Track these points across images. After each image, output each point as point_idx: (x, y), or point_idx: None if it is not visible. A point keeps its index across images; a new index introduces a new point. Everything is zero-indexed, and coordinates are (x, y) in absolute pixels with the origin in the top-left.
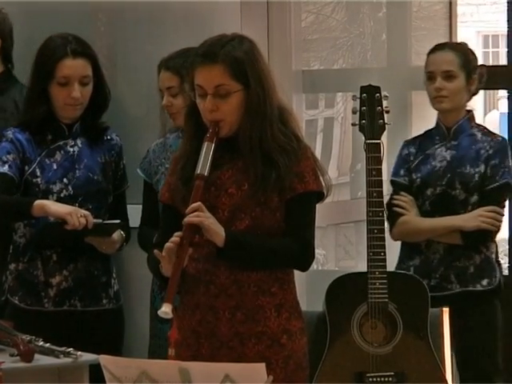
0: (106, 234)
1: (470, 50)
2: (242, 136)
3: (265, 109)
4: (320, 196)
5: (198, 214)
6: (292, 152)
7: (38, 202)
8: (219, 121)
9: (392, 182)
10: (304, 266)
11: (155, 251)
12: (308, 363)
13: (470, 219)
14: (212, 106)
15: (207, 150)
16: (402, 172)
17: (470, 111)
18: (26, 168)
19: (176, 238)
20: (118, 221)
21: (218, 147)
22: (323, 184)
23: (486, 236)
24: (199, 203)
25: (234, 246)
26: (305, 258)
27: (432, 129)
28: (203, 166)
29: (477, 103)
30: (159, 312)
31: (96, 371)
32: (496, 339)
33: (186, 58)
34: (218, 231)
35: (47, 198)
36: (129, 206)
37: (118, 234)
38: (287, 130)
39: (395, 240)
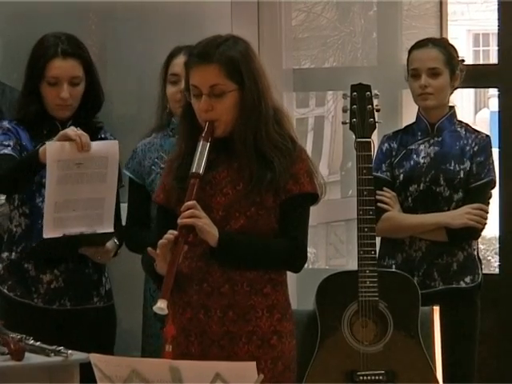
0: (99, 243)
1: (452, 45)
2: (236, 136)
3: (260, 108)
4: (314, 197)
5: (193, 213)
6: (287, 152)
7: (41, 150)
8: (214, 120)
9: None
10: (296, 268)
11: (149, 249)
12: (296, 366)
13: (456, 216)
14: (207, 106)
15: (202, 149)
16: (383, 167)
17: (452, 107)
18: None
19: (170, 235)
20: (110, 230)
21: (214, 147)
22: (317, 186)
23: (472, 233)
24: (194, 202)
25: (227, 247)
26: (297, 260)
27: (412, 124)
28: (198, 164)
29: (467, 102)
30: (154, 308)
31: (87, 370)
32: (475, 336)
33: None
34: (211, 231)
35: (40, 192)
36: (122, 205)
37: (111, 243)
38: (282, 130)
39: (378, 236)
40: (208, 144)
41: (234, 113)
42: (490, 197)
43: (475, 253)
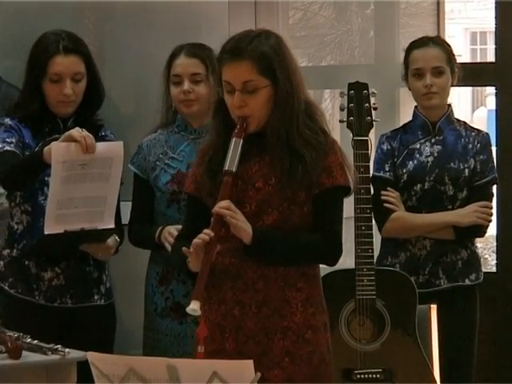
0: (100, 240)
1: (448, 43)
2: (269, 131)
3: (292, 104)
4: (347, 190)
5: (229, 207)
6: (319, 146)
7: (46, 150)
8: (247, 116)
9: (376, 178)
10: (331, 261)
11: (184, 249)
12: (332, 358)
13: (465, 215)
14: (240, 102)
15: (235, 146)
16: (386, 167)
17: (449, 105)
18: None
19: (204, 234)
20: (111, 226)
21: (246, 141)
22: (350, 179)
23: (479, 231)
24: (228, 202)
25: (261, 244)
26: (332, 253)
27: (409, 122)
28: (231, 162)
29: (464, 100)
30: (188, 309)
31: (84, 368)
32: (476, 332)
33: (209, 51)
34: (245, 228)
35: (42, 190)
36: (122, 203)
37: (112, 240)
38: (314, 124)
39: (385, 236)
40: (241, 140)
41: (267, 108)
42: (493, 194)
43: (477, 250)
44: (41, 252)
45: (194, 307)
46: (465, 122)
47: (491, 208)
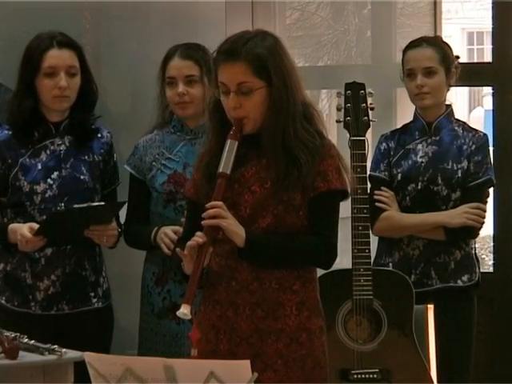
0: (106, 219)
1: (446, 43)
2: (265, 133)
3: (287, 106)
4: (344, 194)
5: (219, 212)
6: (314, 150)
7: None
8: (243, 118)
9: (371, 177)
10: (326, 265)
11: (177, 250)
12: (327, 362)
13: (455, 216)
14: (235, 104)
15: (230, 148)
16: (381, 167)
17: (449, 106)
18: (9, 173)
19: (198, 238)
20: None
21: (244, 144)
22: (347, 182)
23: (469, 232)
24: (220, 203)
25: (254, 247)
26: (327, 257)
27: (410, 123)
28: (226, 164)
29: (461, 100)
30: (178, 313)
31: (81, 368)
32: (472, 334)
33: (203, 52)
34: (237, 232)
35: (32, 199)
36: None
37: (114, 226)
38: (311, 127)
39: (376, 235)
40: (236, 142)
41: (262, 110)
42: (488, 196)
43: (473, 252)
44: (46, 230)
45: (184, 311)
46: (464, 123)
47: (484, 210)
